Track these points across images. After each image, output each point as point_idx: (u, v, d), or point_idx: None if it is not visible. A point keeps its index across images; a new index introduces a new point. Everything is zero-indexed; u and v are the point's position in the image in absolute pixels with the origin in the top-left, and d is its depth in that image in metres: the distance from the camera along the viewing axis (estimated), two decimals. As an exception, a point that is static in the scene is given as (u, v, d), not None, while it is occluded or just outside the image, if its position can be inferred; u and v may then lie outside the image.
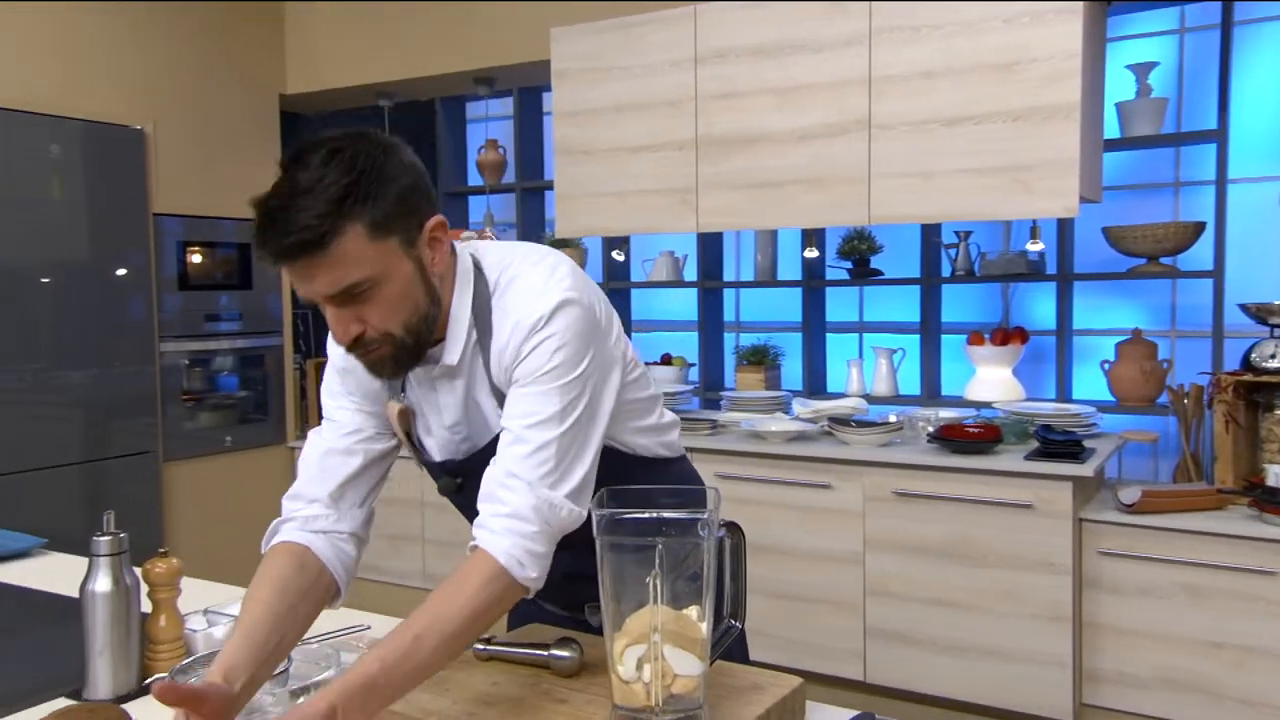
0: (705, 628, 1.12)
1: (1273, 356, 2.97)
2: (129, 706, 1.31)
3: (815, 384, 4.21)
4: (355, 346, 1.24)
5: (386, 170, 1.19)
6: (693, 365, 4.43)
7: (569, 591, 1.43)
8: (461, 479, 1.40)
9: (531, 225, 4.87)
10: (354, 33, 4.35)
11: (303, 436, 4.48)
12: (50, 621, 1.76)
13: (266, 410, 4.41)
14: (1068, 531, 2.88)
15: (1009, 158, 3.00)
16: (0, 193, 3.42)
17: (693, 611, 1.12)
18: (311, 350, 4.89)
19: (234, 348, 4.27)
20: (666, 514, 1.11)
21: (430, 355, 1.32)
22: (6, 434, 3.45)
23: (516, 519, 1.20)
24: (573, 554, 1.29)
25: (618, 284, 4.51)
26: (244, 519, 4.25)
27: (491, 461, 1.26)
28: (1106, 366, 3.62)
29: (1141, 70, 3.56)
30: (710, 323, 4.38)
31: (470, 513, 1.29)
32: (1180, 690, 2.81)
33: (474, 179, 5.16)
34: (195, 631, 1.53)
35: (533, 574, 1.20)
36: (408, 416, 1.39)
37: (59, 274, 3.60)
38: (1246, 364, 3.02)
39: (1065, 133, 2.92)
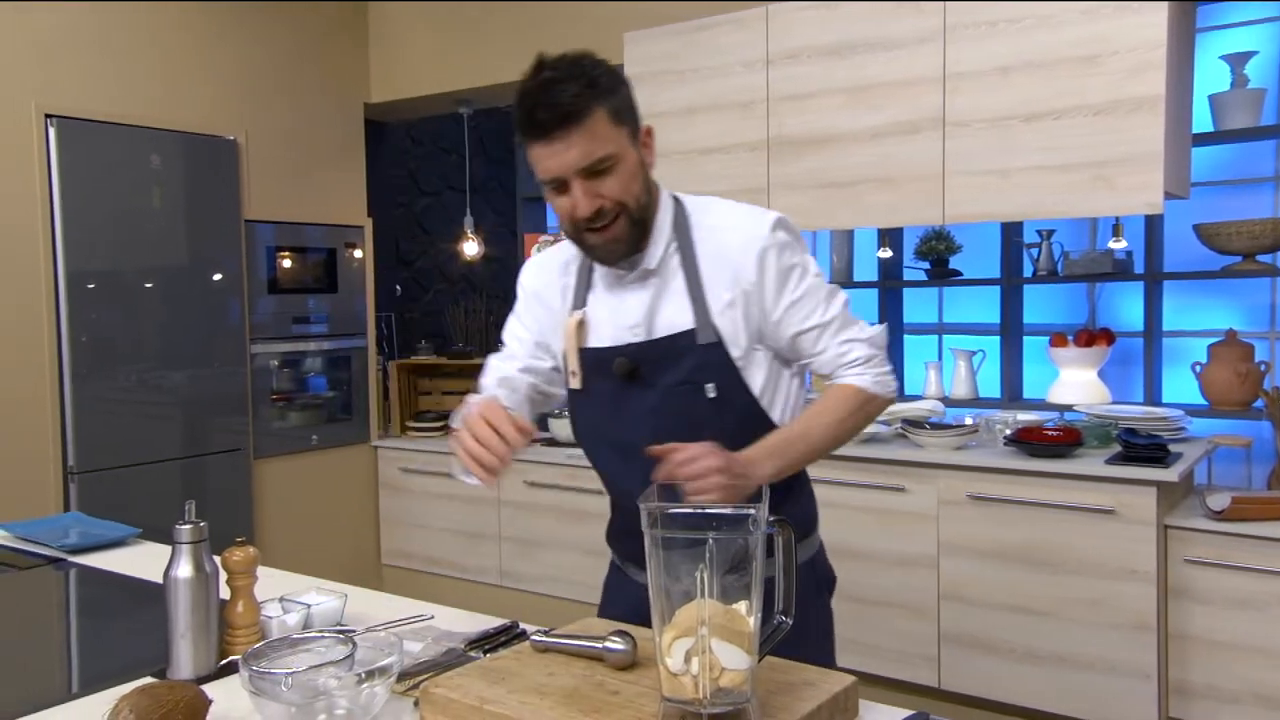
0: (753, 622, 1.13)
1: (1375, 358, 2.83)
2: (208, 687, 1.37)
3: (892, 386, 4.15)
4: (595, 220, 1.44)
5: (615, 77, 1.44)
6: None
7: None
8: (634, 364, 1.53)
9: (608, 228, 4.91)
10: (434, 41, 4.45)
11: (385, 435, 4.62)
12: (142, 606, 1.85)
13: (351, 410, 4.54)
14: (1152, 538, 2.79)
15: (1089, 153, 2.93)
16: (106, 203, 3.59)
17: (741, 606, 1.13)
18: (394, 352, 5.02)
19: (321, 349, 4.41)
20: (715, 509, 1.13)
21: (629, 261, 1.53)
22: (116, 432, 3.64)
23: (866, 360, 1.54)
24: None
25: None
26: (329, 515, 4.39)
27: (811, 353, 1.55)
28: (1198, 369, 3.50)
29: (1237, 60, 3.42)
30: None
31: (622, 417, 1.55)
32: (1274, 706, 2.70)
33: (552, 183, 5.23)
34: (270, 618, 1.59)
35: (893, 386, 1.56)
36: (584, 327, 1.56)
37: (160, 280, 3.78)
38: (1346, 366, 2.89)
39: (1149, 126, 2.83)
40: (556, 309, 1.62)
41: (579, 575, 3.90)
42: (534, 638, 1.42)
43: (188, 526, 1.48)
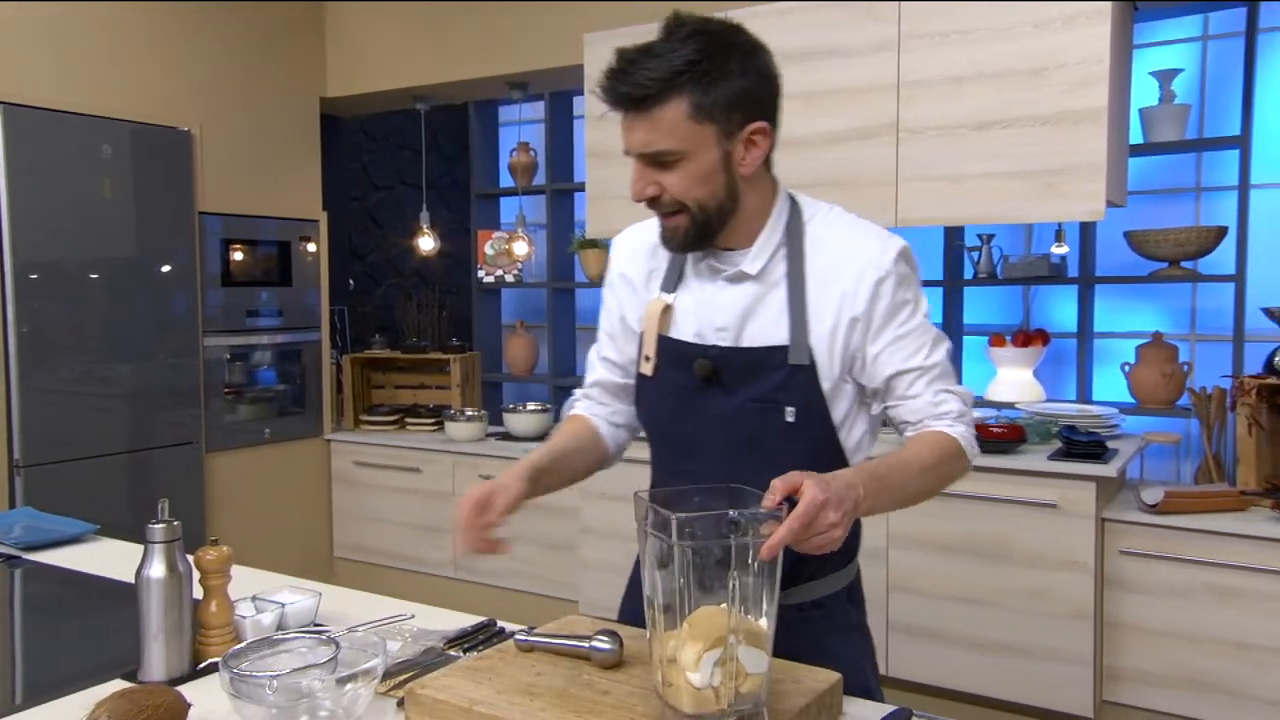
0: (768, 623, 1.10)
1: (1296, 360, 2.91)
2: (182, 689, 1.30)
3: (839, 383, 4.16)
4: (652, 205, 1.35)
5: (730, 66, 1.28)
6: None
7: None
8: (716, 368, 1.42)
9: (561, 226, 4.85)
10: (392, 37, 4.35)
11: (338, 429, 4.50)
12: (105, 606, 1.76)
13: (304, 404, 4.42)
14: (1090, 531, 2.83)
15: (1037, 162, 2.95)
16: (54, 192, 3.43)
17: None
18: (347, 346, 4.90)
19: (274, 343, 4.28)
20: (733, 512, 1.10)
21: (728, 258, 1.41)
22: (58, 424, 3.47)
23: (961, 419, 1.40)
24: None
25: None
26: (281, 508, 4.27)
27: (903, 398, 1.39)
28: (1127, 369, 3.57)
29: (1165, 77, 3.50)
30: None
31: (685, 418, 1.45)
32: (1202, 690, 2.77)
33: (505, 181, 5.16)
34: (244, 618, 1.52)
35: (978, 452, 1.42)
36: (669, 314, 1.45)
37: (110, 271, 3.62)
38: (1269, 367, 2.97)
39: (1094, 137, 2.87)
40: (643, 293, 1.50)
41: (538, 569, 3.85)
42: (518, 637, 1.38)
43: (161, 525, 1.42)
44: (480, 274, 5.01)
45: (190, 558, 1.45)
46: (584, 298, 5.23)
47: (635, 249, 1.54)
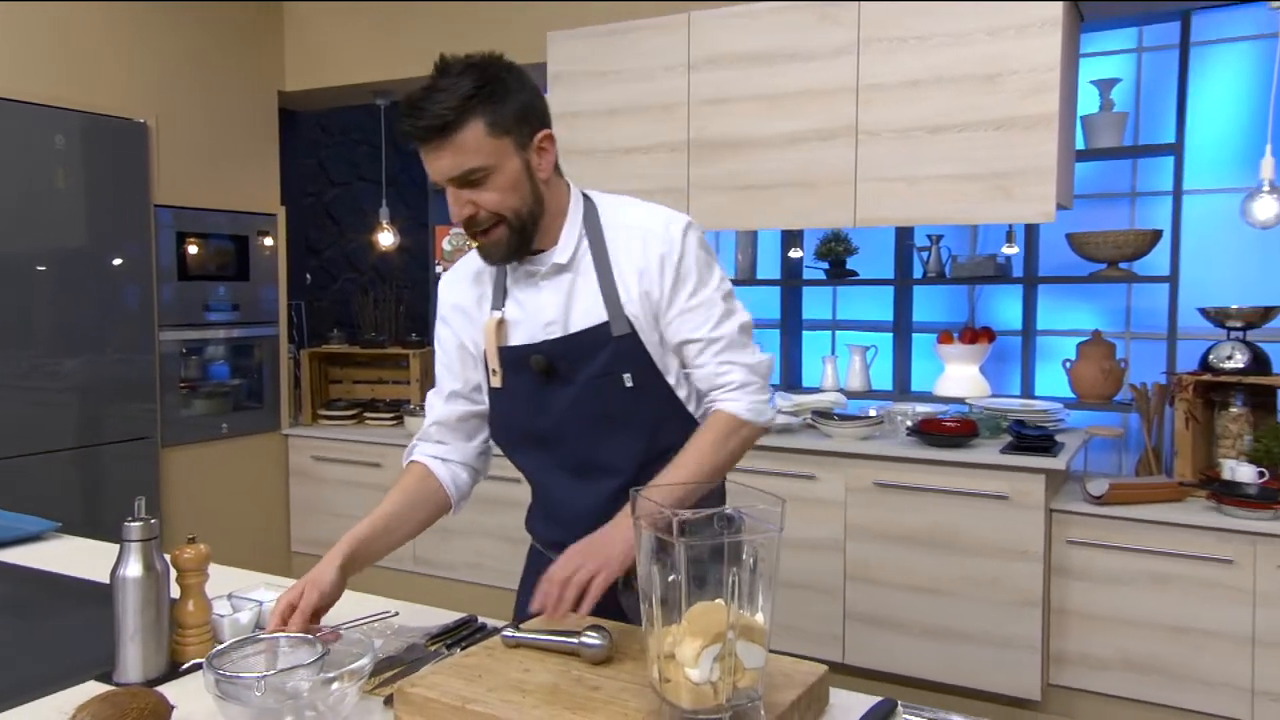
0: (764, 618, 1.09)
1: (1229, 358, 2.99)
2: (160, 690, 1.25)
3: (792, 379, 4.19)
4: (470, 226, 1.41)
5: (509, 84, 1.38)
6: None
7: None
8: (551, 360, 1.49)
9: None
10: (353, 33, 4.26)
11: (296, 424, 4.40)
12: (72, 605, 1.69)
13: (261, 398, 4.31)
14: (1040, 522, 2.88)
15: (990, 165, 2.99)
16: (5, 183, 3.29)
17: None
18: (304, 340, 4.79)
19: (231, 337, 4.17)
20: (730, 510, 1.11)
21: (541, 259, 1.49)
22: (6, 419, 3.33)
23: (747, 385, 1.48)
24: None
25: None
26: (238, 504, 4.16)
27: (694, 365, 1.50)
28: (1068, 365, 3.64)
29: (1105, 86, 3.57)
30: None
31: (541, 412, 1.51)
32: (1142, 671, 2.83)
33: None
34: (222, 617, 1.47)
35: (768, 415, 1.51)
36: (504, 327, 1.52)
37: (60, 263, 3.48)
38: (1205, 364, 3.04)
39: (1044, 142, 2.92)
40: (477, 317, 1.57)
41: (496, 562, 3.81)
42: (505, 633, 1.35)
43: (138, 524, 1.36)
44: (438, 269, 4.94)
45: (167, 556, 1.39)
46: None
47: (461, 280, 1.61)
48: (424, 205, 5.37)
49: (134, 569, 1.34)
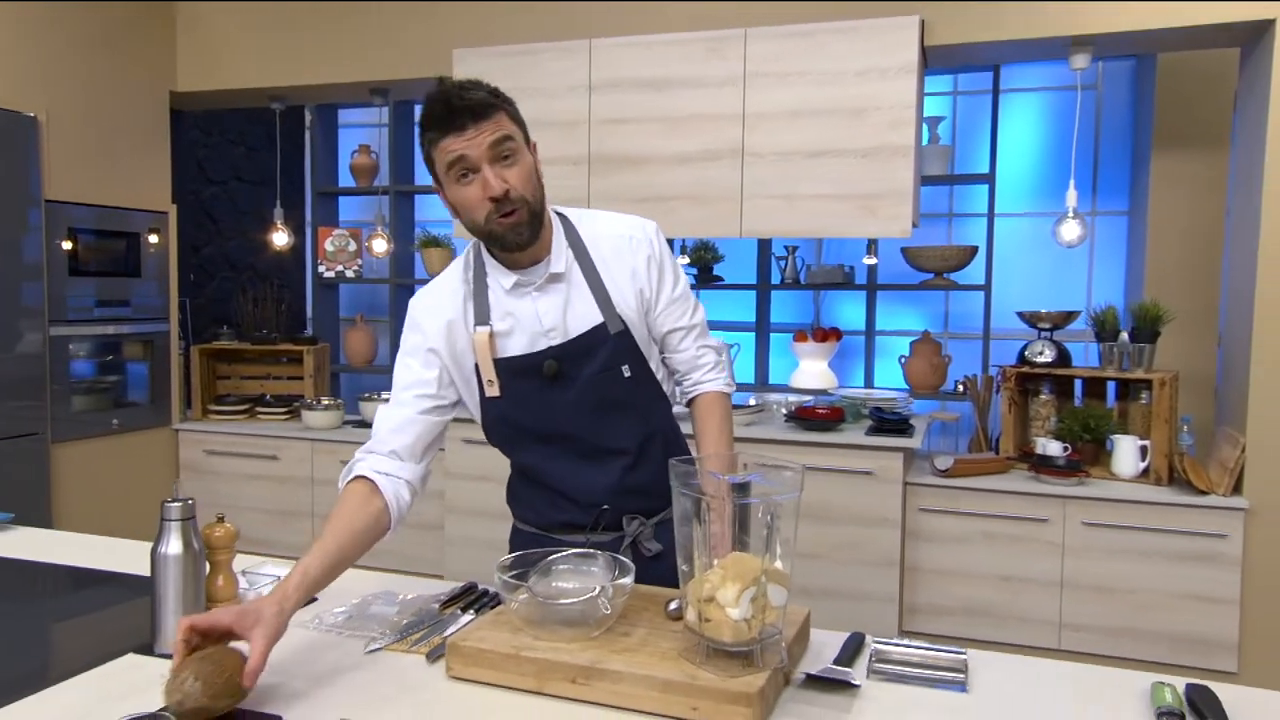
0: (784, 565, 1.22)
1: (1041, 353, 3.38)
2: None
3: (668, 373, 4.34)
4: (501, 205, 1.41)
5: (510, 98, 1.47)
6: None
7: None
8: (559, 362, 1.52)
9: (404, 225, 4.75)
10: (253, 37, 4.09)
11: (186, 419, 4.17)
12: (71, 590, 1.61)
13: (152, 394, 4.06)
14: (899, 493, 3.16)
15: (858, 187, 3.24)
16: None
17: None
18: (190, 337, 4.54)
19: (120, 333, 3.92)
20: (754, 475, 1.24)
21: (535, 271, 1.52)
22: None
23: (720, 366, 1.66)
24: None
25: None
26: (130, 498, 3.91)
27: (675, 350, 1.63)
28: (903, 360, 3.98)
29: (933, 122, 3.93)
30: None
31: (552, 408, 1.54)
32: (977, 615, 3.16)
33: (345, 180, 4.98)
34: (246, 590, 1.46)
35: (733, 384, 1.69)
36: (494, 340, 1.52)
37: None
38: (1022, 359, 3.42)
39: (903, 169, 3.19)
40: (463, 334, 1.54)
41: (395, 546, 3.76)
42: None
43: (177, 504, 1.36)
44: (321, 269, 4.80)
45: (197, 535, 1.38)
46: (424, 294, 5.13)
47: (440, 302, 1.57)
48: (301, 206, 5.19)
49: (174, 546, 1.33)
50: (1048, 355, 3.35)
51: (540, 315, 1.52)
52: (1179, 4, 2.96)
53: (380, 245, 4.31)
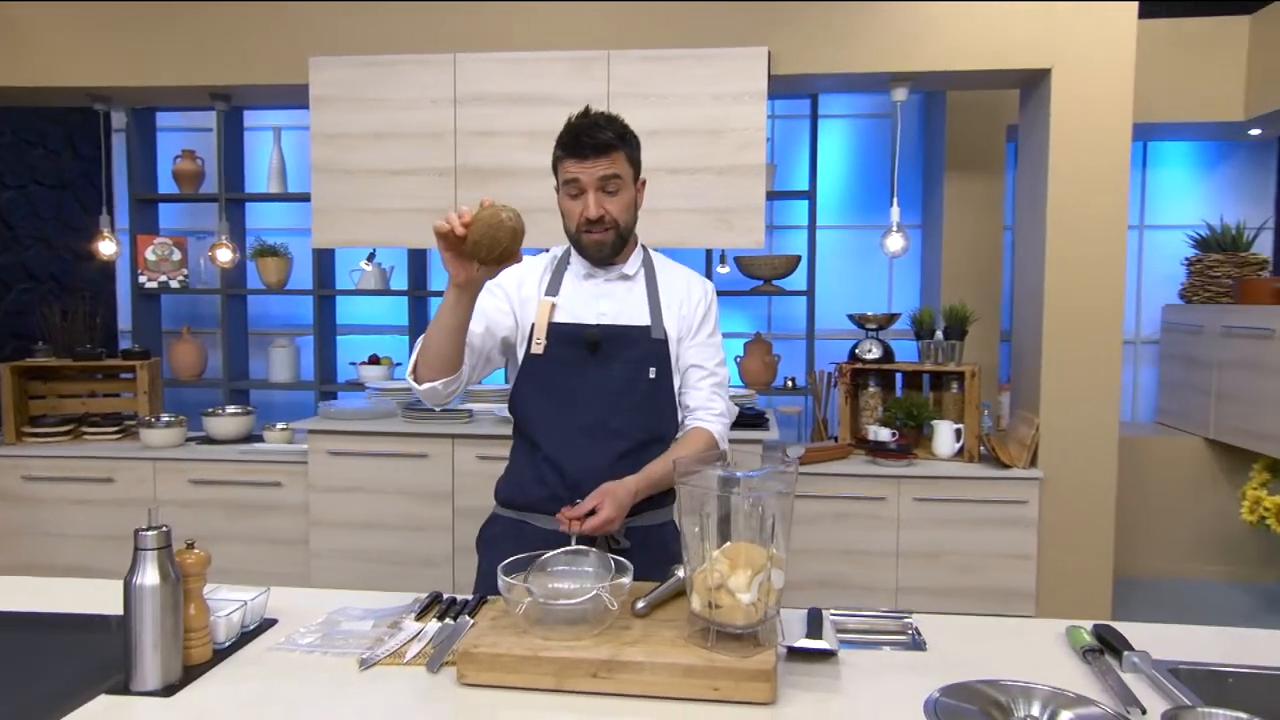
0: (781, 552, 1.30)
1: (869, 351, 3.68)
2: (178, 698, 1.19)
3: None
4: (597, 224, 1.68)
5: (636, 140, 1.74)
6: (399, 365, 4.35)
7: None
8: (601, 339, 1.72)
9: (236, 234, 4.43)
10: (73, 35, 3.65)
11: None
12: (19, 631, 1.42)
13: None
14: (758, 480, 3.33)
15: (715, 202, 3.38)
16: None
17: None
18: (-9, 355, 3.99)
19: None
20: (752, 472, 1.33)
21: (614, 269, 1.78)
22: None
23: (724, 416, 1.79)
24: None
25: (326, 291, 4.30)
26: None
27: (693, 386, 1.78)
28: (739, 360, 4.19)
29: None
30: (420, 327, 4.32)
31: (576, 381, 1.71)
32: (827, 587, 3.40)
33: (165, 186, 4.57)
34: (219, 618, 1.36)
35: (725, 445, 1.77)
36: (555, 309, 1.74)
37: None
38: (853, 356, 3.71)
39: (755, 186, 3.37)
40: (533, 295, 1.77)
41: (252, 565, 3.51)
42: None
43: (152, 532, 1.24)
44: (142, 279, 4.38)
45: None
46: (258, 304, 4.80)
47: (523, 267, 1.80)
48: (112, 213, 4.69)
49: (151, 577, 1.22)
50: (875, 352, 3.66)
51: (599, 300, 1.75)
52: (981, 50, 3.33)
53: (225, 255, 4.00)
